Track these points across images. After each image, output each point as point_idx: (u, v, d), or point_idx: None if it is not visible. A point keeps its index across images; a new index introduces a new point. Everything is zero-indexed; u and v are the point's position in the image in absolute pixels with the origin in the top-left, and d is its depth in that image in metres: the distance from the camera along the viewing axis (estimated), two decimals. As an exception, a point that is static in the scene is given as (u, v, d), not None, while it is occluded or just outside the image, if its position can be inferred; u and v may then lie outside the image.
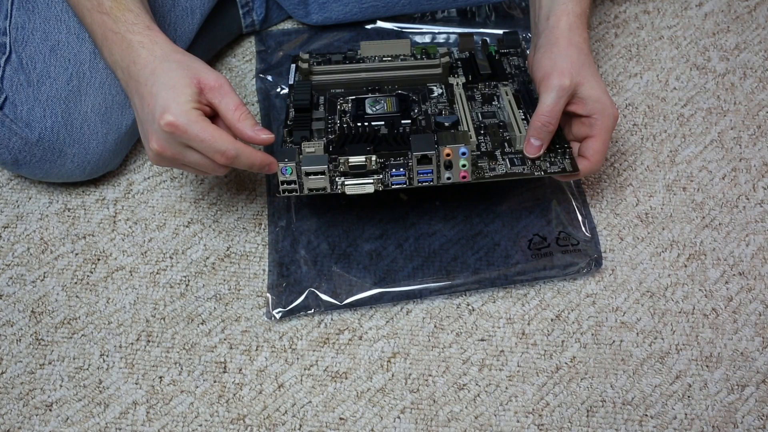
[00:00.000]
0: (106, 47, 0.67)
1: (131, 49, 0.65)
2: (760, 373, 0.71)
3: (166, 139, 0.63)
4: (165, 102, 0.62)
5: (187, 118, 0.62)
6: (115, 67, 0.67)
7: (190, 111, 0.62)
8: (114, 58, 0.66)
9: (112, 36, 0.66)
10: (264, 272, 0.76)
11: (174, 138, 0.62)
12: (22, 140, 0.73)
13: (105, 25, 0.66)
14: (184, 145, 0.63)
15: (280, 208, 0.78)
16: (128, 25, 0.65)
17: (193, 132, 0.62)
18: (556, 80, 0.68)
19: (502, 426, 0.68)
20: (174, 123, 0.61)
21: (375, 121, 0.73)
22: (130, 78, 0.65)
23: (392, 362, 0.71)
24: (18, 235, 0.79)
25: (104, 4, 0.66)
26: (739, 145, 0.84)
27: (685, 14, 0.95)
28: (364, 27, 0.93)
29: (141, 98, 0.64)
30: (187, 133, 0.62)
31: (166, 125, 0.61)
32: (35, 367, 0.71)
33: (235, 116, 0.64)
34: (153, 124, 0.63)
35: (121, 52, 0.65)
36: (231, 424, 0.68)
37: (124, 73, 0.66)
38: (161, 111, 0.62)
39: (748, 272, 0.76)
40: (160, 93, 0.62)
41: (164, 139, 0.63)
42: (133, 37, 0.65)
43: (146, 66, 0.64)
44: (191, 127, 0.62)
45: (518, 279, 0.74)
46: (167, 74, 0.63)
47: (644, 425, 0.68)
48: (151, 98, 0.63)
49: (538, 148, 0.70)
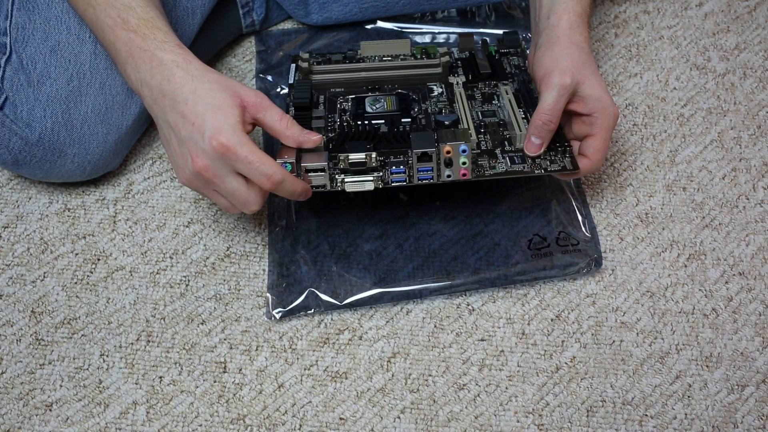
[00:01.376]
0: (132, 65, 0.65)
1: (163, 67, 0.63)
2: (760, 373, 0.71)
3: (213, 160, 0.62)
4: (215, 123, 0.61)
5: (238, 140, 0.61)
6: (141, 85, 0.65)
7: (240, 133, 0.62)
8: (141, 75, 0.64)
9: (140, 53, 0.64)
10: (264, 272, 0.76)
11: (222, 160, 0.62)
12: (23, 140, 0.74)
13: (131, 42, 0.64)
14: (228, 168, 0.62)
15: (280, 208, 0.78)
16: (158, 43, 0.64)
17: (243, 153, 0.61)
18: (557, 79, 0.68)
19: (502, 426, 0.68)
20: (226, 144, 0.61)
21: (375, 119, 0.73)
22: (164, 96, 0.63)
23: (392, 362, 0.71)
24: (18, 235, 0.79)
25: (130, 21, 0.65)
26: (739, 145, 0.84)
27: (685, 14, 0.95)
28: (364, 27, 0.93)
29: (182, 117, 0.62)
30: (237, 155, 0.61)
31: (219, 146, 0.61)
32: (35, 367, 0.71)
33: (283, 125, 0.65)
34: (200, 143, 0.62)
35: (150, 70, 0.64)
36: (231, 424, 0.68)
37: (153, 91, 0.64)
38: (212, 132, 0.61)
39: (748, 272, 0.76)
40: (207, 113, 0.62)
41: (211, 159, 0.62)
42: (164, 55, 0.64)
43: (184, 85, 0.63)
44: (242, 149, 0.61)
45: (518, 279, 0.74)
46: (210, 94, 0.62)
47: (644, 425, 0.68)
48: (197, 118, 0.62)
49: (538, 147, 0.70)
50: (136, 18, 0.65)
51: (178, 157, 0.64)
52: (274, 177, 0.63)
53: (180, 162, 0.64)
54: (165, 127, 0.65)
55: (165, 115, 0.64)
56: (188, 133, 0.62)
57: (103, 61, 0.75)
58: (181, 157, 0.64)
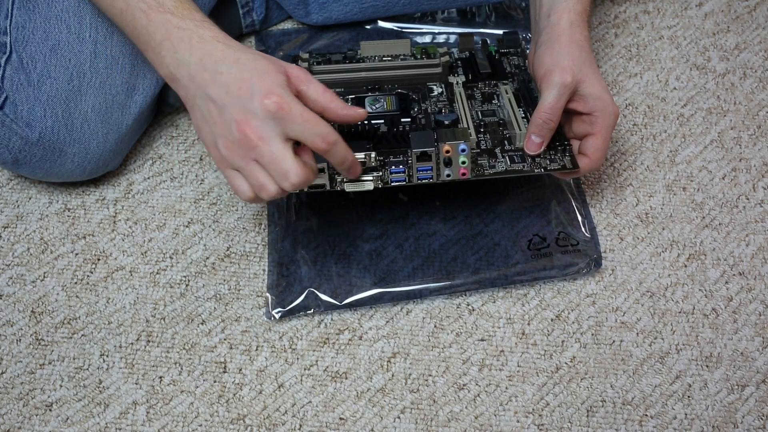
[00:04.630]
0: (168, 46, 0.63)
1: (204, 42, 0.63)
2: (760, 373, 0.71)
3: (263, 121, 0.60)
4: (265, 84, 0.60)
5: (292, 98, 0.60)
6: (178, 66, 0.63)
7: (291, 93, 0.60)
8: (178, 55, 0.63)
9: (179, 33, 0.63)
10: (264, 272, 0.76)
11: (274, 119, 0.60)
12: (23, 140, 0.74)
13: (168, 23, 0.64)
14: (278, 130, 0.60)
15: (280, 208, 0.78)
16: (197, 22, 0.64)
17: (298, 111, 0.60)
18: (557, 77, 0.68)
19: (502, 426, 0.68)
20: (280, 102, 0.59)
21: (375, 119, 0.73)
22: (204, 70, 0.62)
23: (392, 362, 0.71)
24: (18, 235, 0.79)
25: (166, 4, 0.64)
26: (739, 145, 0.84)
27: (685, 14, 0.95)
28: (364, 27, 0.93)
29: (225, 86, 0.61)
30: (292, 113, 0.59)
31: (273, 104, 0.59)
32: (35, 367, 0.71)
33: (326, 98, 0.63)
34: (248, 105, 0.60)
35: (190, 47, 0.63)
36: (231, 424, 0.68)
37: (192, 68, 0.62)
38: (264, 92, 0.59)
39: (748, 272, 0.76)
40: (254, 78, 0.60)
41: (261, 120, 0.60)
42: (204, 32, 0.63)
43: (226, 57, 0.62)
44: (297, 107, 0.60)
45: (518, 279, 0.74)
46: (254, 62, 0.61)
47: (644, 425, 0.68)
48: (243, 83, 0.60)
49: (538, 145, 0.70)
50: (171, 1, 0.64)
51: (217, 127, 0.62)
52: (329, 137, 0.61)
53: (220, 132, 0.62)
54: (203, 102, 0.63)
55: (205, 89, 0.62)
56: (234, 98, 0.61)
57: (103, 60, 0.75)
58: (222, 126, 0.61)
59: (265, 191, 0.62)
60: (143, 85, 0.78)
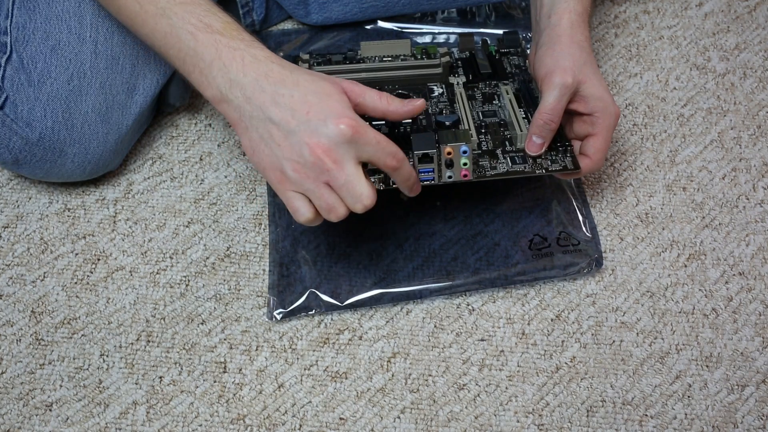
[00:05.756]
0: (218, 66, 0.62)
1: (258, 62, 0.62)
2: (760, 373, 0.71)
3: (338, 145, 0.60)
4: (335, 108, 0.60)
5: (363, 122, 0.61)
6: (231, 87, 0.62)
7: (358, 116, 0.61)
8: (231, 75, 0.62)
9: (230, 53, 0.62)
10: (264, 272, 0.76)
11: (349, 143, 0.60)
12: (23, 140, 0.73)
13: (218, 44, 0.63)
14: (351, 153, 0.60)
15: (280, 208, 0.78)
16: (247, 42, 0.63)
17: (371, 134, 0.60)
18: (558, 78, 0.68)
19: (502, 426, 0.68)
20: (355, 126, 0.59)
21: (375, 120, 0.73)
22: (263, 92, 0.61)
23: (392, 362, 0.71)
24: (18, 235, 0.79)
25: (214, 25, 0.63)
26: (739, 145, 0.84)
27: (685, 14, 0.95)
28: (364, 27, 0.93)
29: (290, 109, 0.61)
30: (367, 136, 0.60)
31: (348, 128, 0.59)
32: (35, 367, 0.71)
33: (383, 102, 0.64)
34: (321, 129, 0.60)
35: (243, 68, 0.62)
36: (231, 424, 0.68)
37: (247, 89, 0.62)
38: (336, 116, 0.60)
39: (748, 272, 0.76)
40: (321, 102, 0.60)
41: (335, 144, 0.60)
42: (257, 52, 0.63)
43: (285, 79, 0.61)
44: (369, 130, 0.60)
45: (518, 279, 0.74)
46: (314, 84, 0.61)
47: (644, 425, 0.68)
48: (311, 107, 0.60)
49: (539, 146, 0.70)
50: (220, 22, 0.64)
51: (283, 150, 0.61)
52: (399, 155, 0.62)
53: (286, 155, 0.61)
54: (262, 125, 0.62)
55: (265, 112, 0.61)
56: (302, 122, 0.60)
57: (104, 61, 0.75)
58: (290, 150, 0.61)
59: (335, 213, 0.63)
60: (143, 85, 0.78)
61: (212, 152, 0.84)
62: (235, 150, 0.84)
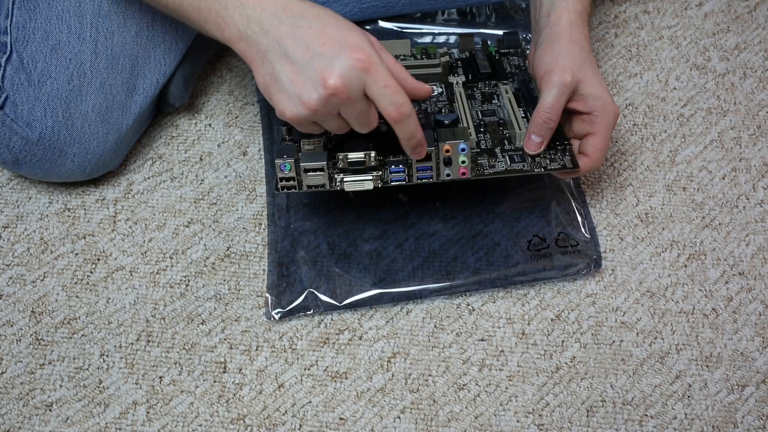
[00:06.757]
0: (235, 3, 0.62)
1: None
2: (760, 373, 0.70)
3: (352, 76, 0.59)
4: (353, 40, 0.59)
5: (379, 58, 0.59)
6: (248, 24, 0.61)
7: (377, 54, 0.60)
8: (248, 12, 0.61)
9: None
10: (264, 272, 0.76)
11: (361, 77, 0.59)
12: (23, 140, 0.74)
13: None
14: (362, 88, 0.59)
15: (280, 208, 0.78)
16: None
17: (385, 73, 0.59)
18: (557, 77, 0.68)
19: (502, 426, 0.68)
20: (370, 58, 0.58)
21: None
22: (281, 24, 0.60)
23: (392, 362, 0.71)
24: (18, 235, 0.79)
25: None
26: (739, 145, 0.84)
27: (685, 14, 0.95)
28: (364, 27, 0.92)
29: (306, 41, 0.60)
30: (378, 73, 0.59)
31: (364, 58, 0.58)
32: (35, 367, 0.71)
33: (397, 68, 0.62)
34: (336, 60, 0.59)
35: (261, 2, 0.61)
36: (231, 424, 0.68)
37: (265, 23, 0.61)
38: (353, 47, 0.59)
39: (748, 272, 0.76)
40: (341, 33, 0.60)
41: (350, 75, 0.59)
42: None
43: (305, 11, 0.61)
44: (383, 68, 0.59)
45: (518, 279, 0.74)
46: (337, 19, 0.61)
47: (644, 425, 0.68)
48: (328, 38, 0.59)
49: (538, 145, 0.70)
50: None
51: (296, 86, 0.60)
52: (404, 108, 0.60)
53: (299, 90, 0.60)
54: (277, 59, 0.61)
55: (281, 45, 0.60)
56: (317, 54, 0.59)
57: (104, 60, 0.75)
58: (303, 85, 0.60)
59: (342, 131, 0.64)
60: (143, 85, 0.78)
61: (212, 152, 0.84)
62: (235, 150, 0.84)
